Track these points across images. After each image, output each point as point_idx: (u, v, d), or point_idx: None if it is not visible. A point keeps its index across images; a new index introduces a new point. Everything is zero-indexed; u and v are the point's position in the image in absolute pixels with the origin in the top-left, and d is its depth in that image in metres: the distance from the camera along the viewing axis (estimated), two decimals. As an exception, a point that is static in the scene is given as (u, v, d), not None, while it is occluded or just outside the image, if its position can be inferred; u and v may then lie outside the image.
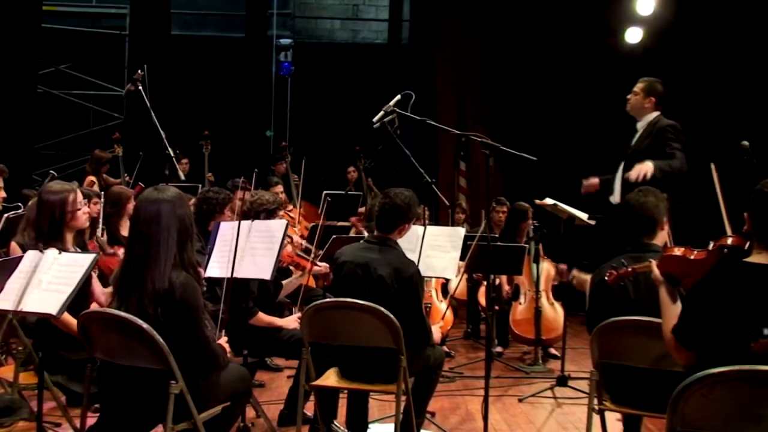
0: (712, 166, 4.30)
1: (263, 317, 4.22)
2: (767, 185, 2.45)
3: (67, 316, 3.37)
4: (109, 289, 3.48)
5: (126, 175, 7.67)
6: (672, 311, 2.67)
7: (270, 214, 4.32)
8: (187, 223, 3.06)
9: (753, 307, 2.34)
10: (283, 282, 4.68)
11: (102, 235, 4.72)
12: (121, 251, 4.28)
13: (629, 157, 5.22)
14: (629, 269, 3.06)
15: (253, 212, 4.31)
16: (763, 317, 2.31)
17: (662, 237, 3.48)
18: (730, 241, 2.67)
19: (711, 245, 2.75)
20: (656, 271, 2.83)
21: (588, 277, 4.39)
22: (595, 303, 3.43)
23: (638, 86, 5.37)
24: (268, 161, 8.94)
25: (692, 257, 2.75)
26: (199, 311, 2.99)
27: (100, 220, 4.79)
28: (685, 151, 5.11)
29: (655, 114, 5.30)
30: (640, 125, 5.34)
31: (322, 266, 4.85)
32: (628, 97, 5.38)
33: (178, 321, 2.94)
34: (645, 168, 4.89)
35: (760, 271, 2.40)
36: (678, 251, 2.83)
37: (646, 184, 4.43)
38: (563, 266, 6.24)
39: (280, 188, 6.78)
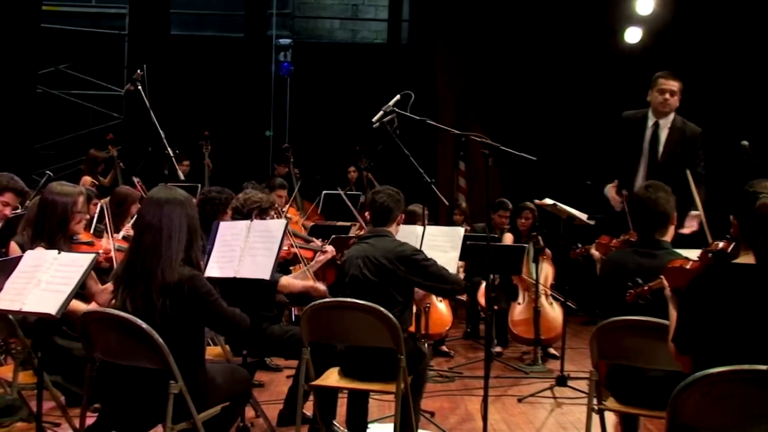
0: (687, 172, 4.26)
1: (292, 285, 4.32)
2: (751, 187, 2.47)
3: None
4: (108, 286, 3.48)
5: (114, 171, 7.73)
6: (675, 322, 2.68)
7: (262, 212, 4.32)
8: (196, 224, 3.13)
9: (742, 306, 2.35)
10: (287, 277, 4.64)
11: (103, 234, 4.71)
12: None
13: (659, 163, 5.00)
14: (645, 287, 3.09)
15: (246, 210, 4.31)
16: (752, 315, 2.32)
17: (671, 233, 3.48)
18: (719, 245, 2.69)
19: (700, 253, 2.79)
20: (667, 290, 2.86)
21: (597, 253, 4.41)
22: (605, 290, 3.47)
23: (677, 85, 5.04)
24: (268, 162, 8.96)
25: (688, 267, 2.77)
26: (212, 294, 3.06)
27: (107, 219, 4.76)
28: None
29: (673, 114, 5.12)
30: (663, 123, 5.09)
31: (328, 249, 4.80)
32: (666, 97, 5.04)
33: (192, 312, 2.99)
34: (697, 220, 4.68)
35: (747, 270, 2.41)
36: (677, 263, 2.85)
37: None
38: None
39: (283, 192, 6.77)
